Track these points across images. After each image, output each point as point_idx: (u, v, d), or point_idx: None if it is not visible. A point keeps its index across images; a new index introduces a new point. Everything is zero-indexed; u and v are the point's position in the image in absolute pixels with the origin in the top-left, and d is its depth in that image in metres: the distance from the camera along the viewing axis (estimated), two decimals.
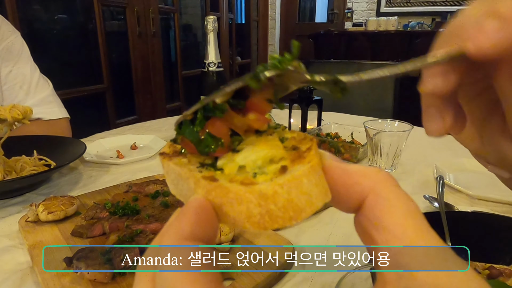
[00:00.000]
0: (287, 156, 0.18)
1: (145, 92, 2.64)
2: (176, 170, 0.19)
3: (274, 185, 0.16)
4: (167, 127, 1.28)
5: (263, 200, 0.16)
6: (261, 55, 4.86)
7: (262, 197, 0.16)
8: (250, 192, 0.16)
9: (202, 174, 0.18)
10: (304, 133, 0.20)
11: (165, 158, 0.20)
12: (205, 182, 0.17)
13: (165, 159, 0.19)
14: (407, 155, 0.94)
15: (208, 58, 1.15)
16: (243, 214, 0.16)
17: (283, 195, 0.16)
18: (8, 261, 0.53)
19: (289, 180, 0.16)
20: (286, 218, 0.16)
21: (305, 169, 0.17)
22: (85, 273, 0.44)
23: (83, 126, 1.44)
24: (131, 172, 0.86)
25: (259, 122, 0.20)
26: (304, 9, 5.29)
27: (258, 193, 0.16)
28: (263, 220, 0.16)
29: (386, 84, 1.87)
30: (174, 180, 0.19)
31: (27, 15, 1.90)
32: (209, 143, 0.19)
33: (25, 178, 0.70)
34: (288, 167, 0.17)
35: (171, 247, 0.15)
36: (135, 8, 2.43)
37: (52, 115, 1.07)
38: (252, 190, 0.16)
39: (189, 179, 0.18)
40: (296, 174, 0.16)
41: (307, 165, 0.17)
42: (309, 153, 0.18)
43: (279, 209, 0.16)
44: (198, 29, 3.53)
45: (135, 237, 0.52)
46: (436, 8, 4.10)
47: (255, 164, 0.18)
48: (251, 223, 0.16)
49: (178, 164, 0.19)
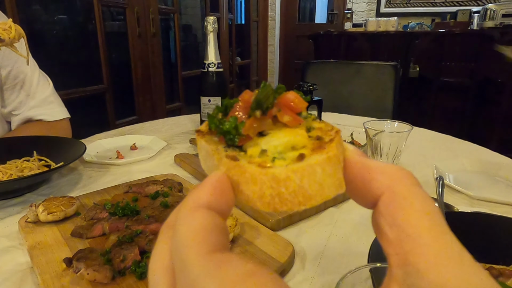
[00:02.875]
0: (308, 145, 0.19)
1: (145, 93, 2.64)
2: (206, 147, 0.20)
3: (287, 170, 0.17)
4: (167, 128, 1.28)
5: (275, 183, 0.17)
6: (261, 56, 4.87)
7: (275, 180, 0.17)
8: (264, 174, 0.17)
9: (226, 153, 0.19)
10: (331, 124, 0.21)
11: (199, 135, 0.21)
12: (227, 160, 0.18)
13: (199, 136, 0.21)
14: (407, 156, 0.94)
15: (208, 58, 1.15)
16: (256, 193, 0.17)
17: (295, 181, 0.17)
18: (8, 261, 0.53)
19: (303, 168, 0.17)
20: (295, 202, 0.17)
21: (321, 159, 0.17)
22: (85, 273, 0.44)
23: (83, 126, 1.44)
24: (131, 173, 0.86)
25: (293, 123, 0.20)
26: (304, 9, 5.29)
27: (272, 176, 0.17)
28: (273, 201, 0.17)
29: (386, 85, 1.87)
30: (204, 156, 0.21)
31: (27, 16, 1.90)
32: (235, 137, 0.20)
33: (25, 178, 0.70)
34: (306, 155, 0.18)
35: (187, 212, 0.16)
36: (135, 9, 2.43)
37: (54, 116, 1.07)
38: (266, 173, 0.17)
39: (214, 156, 0.19)
40: (311, 162, 0.17)
41: (324, 155, 0.18)
42: (330, 144, 0.18)
43: (289, 194, 0.17)
44: (198, 29, 3.53)
45: (135, 237, 0.52)
46: (436, 9, 4.10)
47: (276, 150, 0.19)
48: (262, 203, 0.17)
49: (208, 141, 0.20)
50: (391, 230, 0.16)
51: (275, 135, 0.20)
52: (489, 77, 2.93)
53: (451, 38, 3.06)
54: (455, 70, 3.07)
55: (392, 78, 1.85)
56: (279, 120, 0.20)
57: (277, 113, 0.20)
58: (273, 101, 0.20)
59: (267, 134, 0.20)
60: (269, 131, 0.20)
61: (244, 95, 0.21)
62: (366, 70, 1.93)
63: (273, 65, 5.12)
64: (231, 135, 0.19)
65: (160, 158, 0.97)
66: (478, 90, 3.02)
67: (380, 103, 1.88)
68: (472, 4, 3.89)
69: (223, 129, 0.20)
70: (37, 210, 0.59)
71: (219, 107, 0.22)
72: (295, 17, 5.09)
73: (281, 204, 0.17)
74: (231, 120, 0.20)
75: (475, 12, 3.47)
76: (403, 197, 0.16)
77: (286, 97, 0.20)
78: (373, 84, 1.90)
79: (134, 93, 2.57)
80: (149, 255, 0.50)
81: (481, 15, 3.25)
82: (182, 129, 1.25)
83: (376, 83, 1.90)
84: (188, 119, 1.39)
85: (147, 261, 0.49)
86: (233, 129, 0.19)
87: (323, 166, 0.17)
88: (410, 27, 3.78)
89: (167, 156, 0.97)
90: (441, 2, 4.07)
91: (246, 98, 0.21)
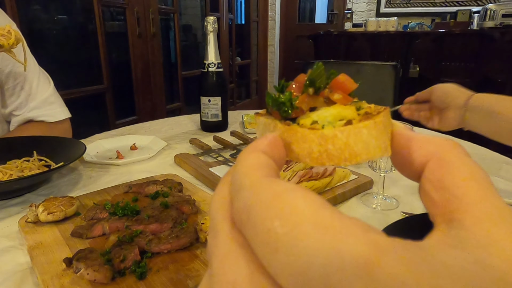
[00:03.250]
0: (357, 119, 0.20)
1: (145, 93, 2.64)
2: (264, 121, 0.23)
3: (335, 130, 0.19)
4: (167, 128, 1.28)
5: (323, 140, 0.19)
6: (261, 56, 4.86)
7: (323, 138, 0.19)
8: (313, 133, 0.19)
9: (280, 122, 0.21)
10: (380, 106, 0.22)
11: (259, 115, 0.24)
12: (281, 125, 0.20)
13: (259, 115, 0.23)
14: None
15: (208, 58, 1.15)
16: (305, 151, 0.19)
17: (342, 139, 0.19)
18: (8, 261, 0.53)
19: (350, 128, 0.19)
20: (341, 158, 0.19)
21: (367, 122, 0.19)
22: (85, 273, 0.44)
23: (83, 126, 1.44)
24: (131, 173, 0.86)
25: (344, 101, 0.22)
26: (304, 9, 5.29)
27: (320, 134, 0.19)
28: (321, 157, 0.19)
29: (386, 84, 1.87)
30: (261, 129, 0.23)
31: (27, 16, 1.90)
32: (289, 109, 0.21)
33: (25, 178, 0.70)
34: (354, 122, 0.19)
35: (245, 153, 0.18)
36: (135, 9, 2.43)
37: (55, 116, 1.07)
38: (315, 132, 0.19)
39: (270, 125, 0.22)
40: (358, 125, 0.19)
41: (371, 120, 0.19)
42: (378, 115, 0.20)
43: (336, 150, 0.19)
44: (198, 29, 3.53)
45: (135, 237, 0.52)
46: (436, 9, 4.10)
47: (326, 120, 0.20)
48: (310, 159, 0.19)
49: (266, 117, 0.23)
50: (437, 193, 0.16)
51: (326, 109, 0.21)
52: (489, 77, 2.93)
53: (451, 38, 3.06)
54: (455, 70, 3.07)
55: (392, 78, 1.85)
56: (330, 99, 0.22)
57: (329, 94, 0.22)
58: (325, 82, 0.22)
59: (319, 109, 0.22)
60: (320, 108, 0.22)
61: (299, 77, 0.23)
62: (366, 70, 1.93)
63: (273, 65, 5.12)
64: (286, 107, 0.21)
65: (160, 158, 0.97)
66: (478, 90, 3.02)
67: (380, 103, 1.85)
68: (472, 4, 3.89)
69: (279, 101, 0.22)
70: (37, 210, 0.59)
71: (277, 86, 0.24)
72: (295, 17, 5.09)
73: (328, 159, 0.19)
74: (287, 94, 0.22)
75: (475, 12, 3.47)
76: (451, 162, 0.16)
77: (337, 78, 0.22)
78: (373, 84, 1.90)
79: (134, 93, 2.57)
80: (149, 255, 0.50)
81: (481, 15, 3.25)
82: (182, 129, 1.25)
83: (376, 83, 1.89)
84: (188, 119, 1.39)
85: (147, 261, 0.49)
86: (288, 102, 0.21)
87: (369, 129, 0.19)
88: (410, 27, 3.78)
89: (167, 156, 0.97)
90: (441, 2, 4.07)
91: (301, 79, 0.23)
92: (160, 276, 0.46)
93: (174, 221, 0.56)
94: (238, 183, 0.16)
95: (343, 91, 0.22)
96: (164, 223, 0.56)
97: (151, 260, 0.49)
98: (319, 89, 0.22)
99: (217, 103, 1.17)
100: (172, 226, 0.56)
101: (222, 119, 1.20)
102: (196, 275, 0.47)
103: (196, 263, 0.49)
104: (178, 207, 0.62)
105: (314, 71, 0.22)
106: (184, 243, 0.52)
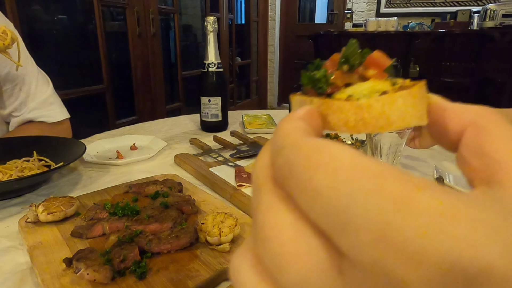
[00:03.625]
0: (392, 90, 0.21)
1: (145, 93, 2.64)
2: (299, 99, 0.23)
3: (370, 100, 0.19)
4: (167, 128, 1.28)
5: (359, 109, 0.19)
6: (261, 56, 4.87)
7: (359, 107, 0.19)
8: (349, 104, 0.19)
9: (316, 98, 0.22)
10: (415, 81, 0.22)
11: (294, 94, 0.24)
12: (317, 99, 0.21)
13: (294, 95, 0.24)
14: (407, 156, 0.94)
15: (208, 58, 1.15)
16: (341, 120, 0.20)
17: (377, 108, 0.19)
18: (8, 261, 0.53)
19: (385, 98, 0.19)
20: (377, 126, 0.19)
21: (402, 92, 0.19)
22: (85, 273, 0.44)
23: (82, 126, 1.44)
24: (131, 173, 0.86)
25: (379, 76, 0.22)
26: (304, 9, 5.29)
27: (356, 104, 0.19)
28: (357, 125, 0.19)
29: None
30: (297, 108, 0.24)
31: (27, 16, 1.90)
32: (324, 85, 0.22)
33: (25, 178, 0.70)
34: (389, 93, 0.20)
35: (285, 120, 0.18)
36: (135, 9, 2.43)
37: (55, 117, 1.07)
38: (351, 102, 0.19)
39: (306, 101, 0.22)
40: (393, 94, 0.19)
41: (406, 90, 0.19)
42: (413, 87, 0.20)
43: (372, 118, 0.19)
44: (198, 29, 3.53)
45: (135, 237, 0.52)
46: (436, 9, 4.11)
47: (361, 93, 0.21)
48: (347, 127, 0.20)
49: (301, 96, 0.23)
50: (476, 159, 0.16)
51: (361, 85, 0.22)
52: (489, 77, 2.93)
53: (451, 38, 3.06)
54: (455, 70, 3.07)
55: None
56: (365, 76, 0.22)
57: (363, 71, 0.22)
58: (360, 59, 0.22)
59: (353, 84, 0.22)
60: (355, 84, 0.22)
61: (334, 56, 0.23)
62: None
63: (273, 65, 5.12)
64: (321, 83, 0.22)
65: (160, 158, 0.97)
66: (478, 90, 3.02)
67: None
68: (472, 4, 3.89)
69: (314, 77, 0.22)
70: (37, 210, 0.59)
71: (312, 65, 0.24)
72: (295, 17, 5.09)
73: (364, 127, 0.19)
74: (322, 70, 0.22)
75: (475, 12, 3.47)
76: (488, 129, 0.17)
77: (371, 55, 0.22)
78: None
79: (134, 93, 2.57)
80: (149, 255, 0.50)
81: (481, 15, 3.25)
82: (182, 129, 1.25)
83: None
84: (188, 119, 1.39)
85: (147, 261, 0.49)
86: (323, 78, 0.22)
87: (404, 98, 0.19)
88: (410, 27, 3.78)
89: (167, 156, 0.97)
90: (441, 2, 4.07)
91: (335, 58, 0.23)
92: (160, 276, 0.46)
93: (174, 221, 0.56)
94: (279, 144, 0.16)
95: (377, 67, 0.22)
96: (164, 223, 0.56)
97: (151, 260, 0.49)
98: (353, 66, 0.22)
99: (217, 103, 1.17)
100: (172, 226, 0.56)
101: (222, 119, 1.20)
102: (196, 275, 0.47)
103: (196, 263, 0.49)
104: (178, 207, 0.62)
105: (348, 48, 0.22)
106: (184, 243, 0.52)
